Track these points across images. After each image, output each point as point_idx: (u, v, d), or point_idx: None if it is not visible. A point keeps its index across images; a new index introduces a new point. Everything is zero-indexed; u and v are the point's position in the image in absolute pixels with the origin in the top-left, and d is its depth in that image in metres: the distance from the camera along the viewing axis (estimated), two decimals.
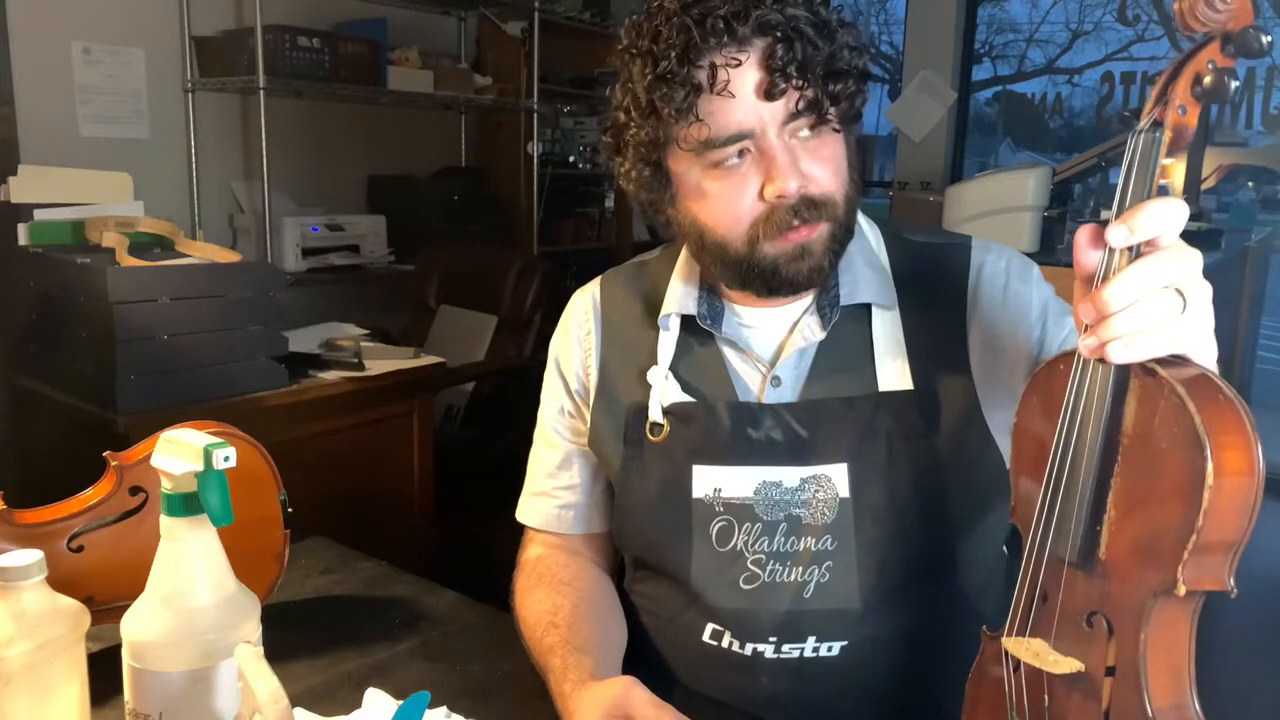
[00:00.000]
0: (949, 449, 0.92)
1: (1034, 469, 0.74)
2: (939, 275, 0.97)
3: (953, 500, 0.93)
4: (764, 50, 0.84)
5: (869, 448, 0.92)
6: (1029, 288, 0.96)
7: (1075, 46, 4.32)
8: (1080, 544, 0.69)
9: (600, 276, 1.11)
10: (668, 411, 0.97)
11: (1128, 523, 0.67)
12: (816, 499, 0.92)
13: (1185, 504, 0.62)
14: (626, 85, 0.90)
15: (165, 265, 1.87)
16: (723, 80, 0.84)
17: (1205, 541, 0.62)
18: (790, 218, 0.87)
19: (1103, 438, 0.67)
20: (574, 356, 1.08)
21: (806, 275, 0.90)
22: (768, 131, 0.85)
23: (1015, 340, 0.94)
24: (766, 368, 0.97)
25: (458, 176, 3.80)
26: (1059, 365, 0.72)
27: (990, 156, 4.61)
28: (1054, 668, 0.70)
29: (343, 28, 3.25)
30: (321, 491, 1.63)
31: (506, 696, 0.92)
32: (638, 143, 0.90)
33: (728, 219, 0.89)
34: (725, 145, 0.86)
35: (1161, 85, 0.68)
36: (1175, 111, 0.66)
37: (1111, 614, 0.68)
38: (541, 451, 1.11)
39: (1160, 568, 0.64)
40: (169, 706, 0.69)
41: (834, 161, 0.89)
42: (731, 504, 0.94)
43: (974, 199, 3.15)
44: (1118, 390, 0.67)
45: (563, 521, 1.09)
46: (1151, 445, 0.65)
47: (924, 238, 1.02)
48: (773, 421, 0.94)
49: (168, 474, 0.71)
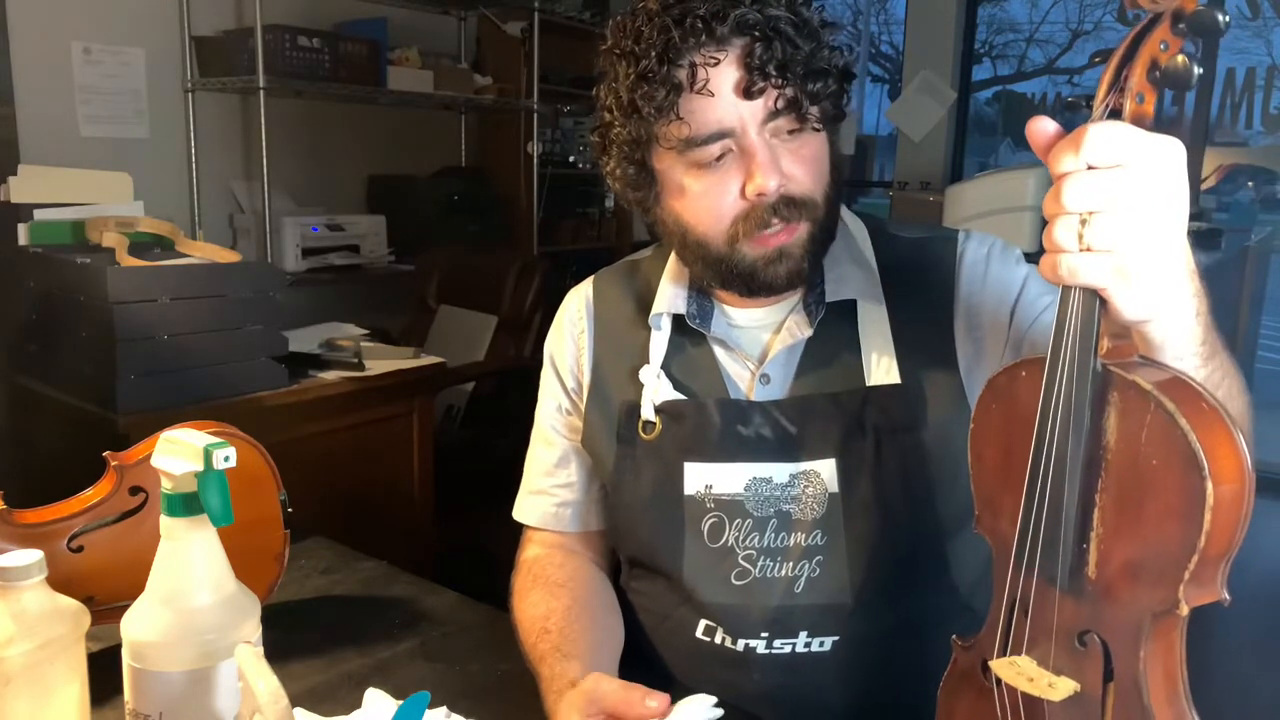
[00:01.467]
0: (937, 443, 0.92)
1: (999, 478, 0.71)
2: (925, 269, 0.98)
3: (941, 494, 0.93)
4: (743, 49, 0.85)
5: (856, 443, 0.92)
6: (1009, 270, 0.96)
7: (1075, 46, 4.32)
8: (1069, 563, 0.65)
9: (593, 275, 1.11)
10: (659, 410, 0.98)
11: (1118, 543, 0.63)
12: (806, 494, 0.93)
13: (1184, 525, 0.59)
14: (611, 85, 0.91)
15: (165, 265, 1.87)
16: (702, 79, 0.85)
17: (1205, 559, 0.59)
18: (770, 216, 0.88)
19: (1086, 452, 0.63)
20: (568, 354, 1.08)
21: (784, 278, 0.91)
22: (748, 130, 0.86)
23: (997, 325, 0.94)
24: (755, 366, 0.97)
25: (458, 176, 3.80)
26: (1021, 371, 0.69)
27: (990, 156, 4.61)
28: (1052, 694, 0.66)
29: (343, 28, 3.25)
30: (321, 491, 1.63)
31: (506, 696, 0.92)
32: (621, 141, 0.92)
33: (709, 217, 0.90)
34: (706, 144, 0.87)
35: (1113, 71, 0.63)
36: (1133, 100, 0.62)
37: (1106, 633, 0.65)
38: (539, 450, 1.11)
39: (1159, 588, 0.61)
40: (169, 706, 0.69)
41: (815, 161, 0.90)
42: (722, 500, 0.95)
43: (974, 199, 3.15)
44: (1096, 401, 0.63)
45: (560, 519, 1.09)
46: (1140, 463, 0.61)
47: (910, 233, 1.03)
48: (762, 418, 0.94)
49: (168, 474, 0.71)
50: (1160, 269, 0.62)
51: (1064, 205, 0.61)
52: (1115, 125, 0.60)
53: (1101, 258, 0.61)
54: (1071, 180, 0.61)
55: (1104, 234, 0.60)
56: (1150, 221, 0.61)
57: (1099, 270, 0.61)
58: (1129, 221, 0.60)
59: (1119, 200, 0.60)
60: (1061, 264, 0.62)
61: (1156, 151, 0.60)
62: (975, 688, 0.75)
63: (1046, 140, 0.63)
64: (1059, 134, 0.63)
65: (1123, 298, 0.62)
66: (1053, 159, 0.62)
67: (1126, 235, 0.60)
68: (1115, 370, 0.62)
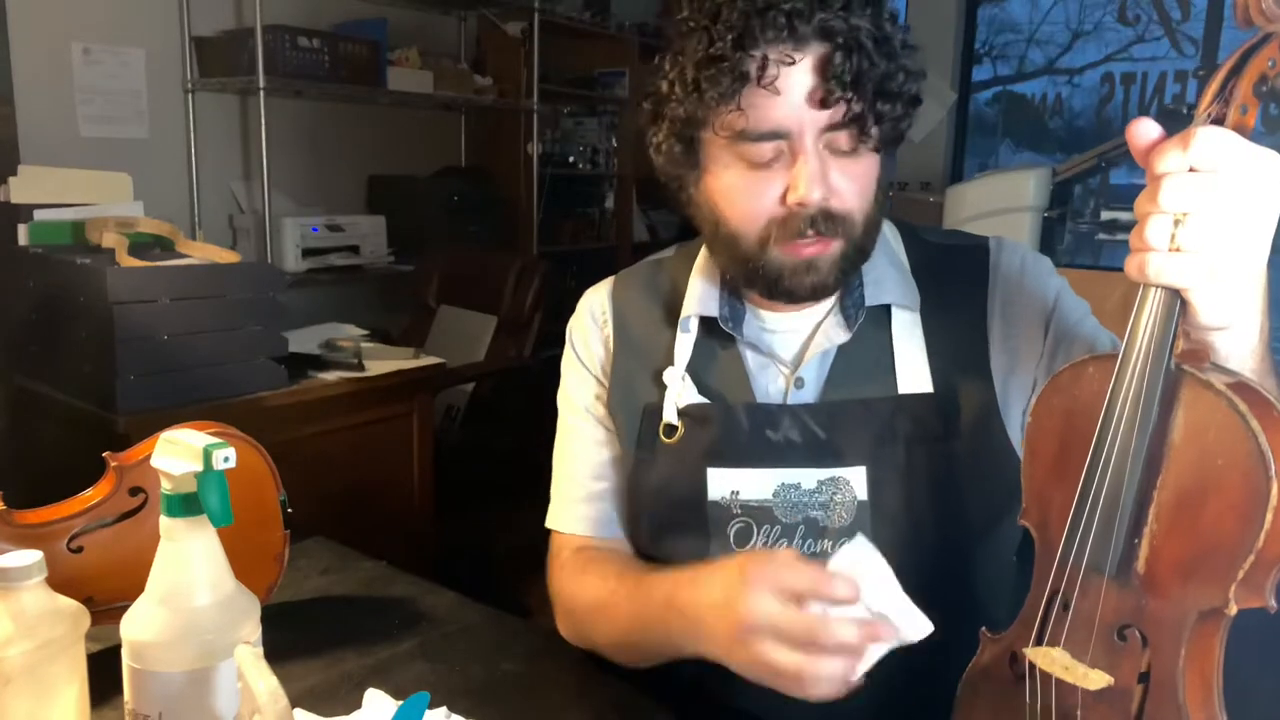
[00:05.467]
0: (968, 453, 0.91)
1: (1053, 473, 0.72)
2: (959, 276, 0.97)
3: (970, 504, 0.92)
4: (821, 55, 0.83)
5: (888, 451, 0.91)
6: (1043, 281, 0.96)
7: (1075, 47, 4.30)
8: (1118, 557, 0.66)
9: (613, 277, 1.09)
10: (683, 413, 0.96)
11: (1173, 538, 0.64)
12: (835, 501, 0.92)
13: (1244, 523, 0.60)
14: (676, 57, 0.88)
15: (165, 265, 1.87)
16: (771, 75, 0.83)
17: (1260, 561, 0.60)
18: (805, 227, 0.86)
19: (1147, 449, 0.65)
20: (594, 347, 1.05)
21: (808, 289, 0.90)
22: (805, 137, 0.84)
23: (1032, 336, 0.94)
24: (790, 369, 0.96)
25: (458, 176, 3.80)
26: (1088, 368, 0.70)
27: (990, 157, 4.60)
28: (1086, 682, 0.67)
29: (343, 28, 3.25)
30: (321, 491, 1.63)
31: (506, 696, 0.92)
32: (674, 117, 0.89)
33: (746, 214, 0.89)
34: (759, 140, 0.85)
35: (1220, 81, 0.65)
36: (1236, 110, 0.64)
37: (1148, 628, 0.66)
38: (578, 448, 1.05)
39: (1210, 586, 0.62)
40: (169, 707, 0.69)
41: (863, 181, 0.88)
42: (750, 506, 0.93)
43: (974, 199, 3.15)
44: (1165, 399, 0.64)
45: (603, 525, 1.03)
46: (1204, 461, 0.62)
47: (942, 239, 1.02)
48: (791, 423, 0.93)
49: (168, 474, 0.71)
50: (1244, 277, 0.64)
51: (1160, 204, 0.62)
52: (1223, 131, 0.62)
53: (1191, 258, 0.62)
54: (1171, 180, 0.62)
55: (1197, 235, 0.62)
56: (1241, 228, 0.62)
57: (1187, 271, 0.62)
58: (1222, 225, 0.62)
59: (1216, 203, 0.61)
60: (1150, 262, 0.63)
61: (1258, 161, 0.62)
62: (1000, 681, 0.75)
63: (1149, 142, 0.65)
64: (1162, 136, 0.64)
65: (1205, 301, 0.64)
66: (1155, 158, 0.63)
67: (1218, 238, 0.62)
68: (1189, 370, 0.64)
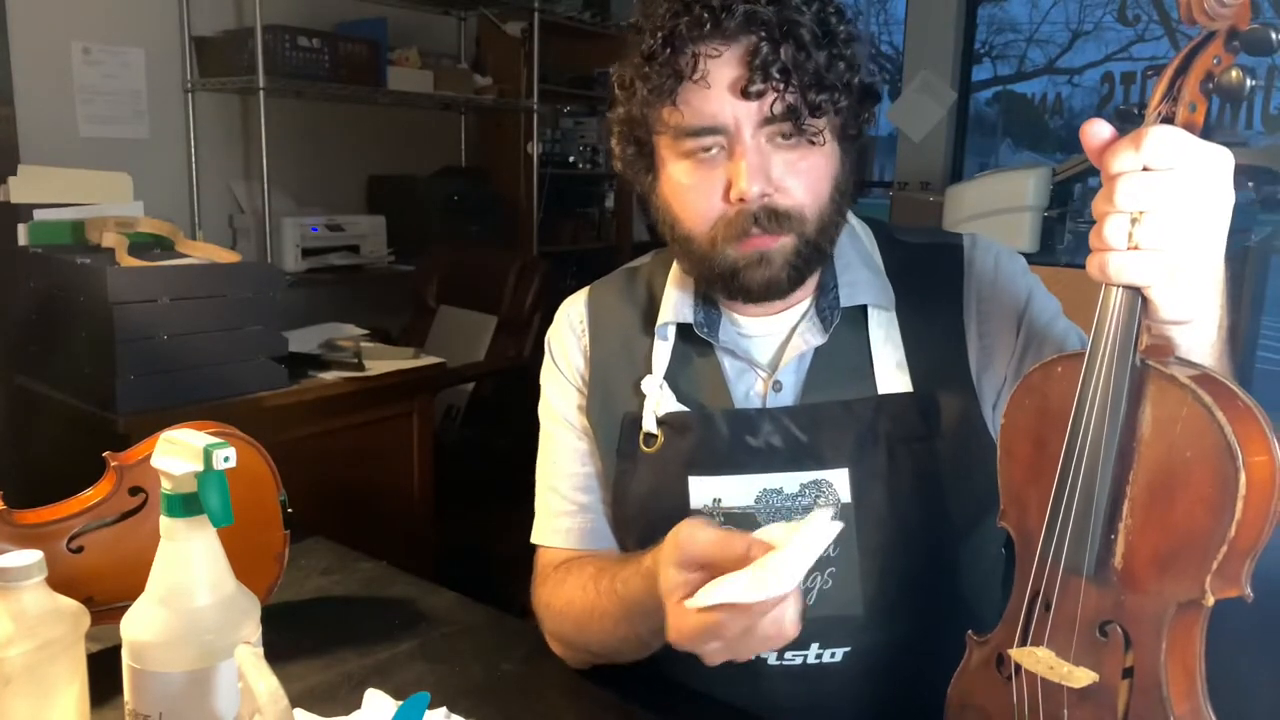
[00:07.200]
0: (949, 451, 0.92)
1: (1029, 473, 0.72)
2: (934, 275, 0.97)
3: (954, 503, 0.92)
4: (748, 46, 0.83)
5: (869, 452, 0.91)
6: (1016, 280, 0.96)
7: (1075, 46, 4.32)
8: (1095, 553, 0.67)
9: (587, 288, 1.09)
10: (662, 422, 0.96)
11: (1147, 533, 0.65)
12: (818, 505, 0.91)
13: (1215, 515, 0.61)
14: (622, 60, 0.90)
15: (165, 265, 1.87)
16: (701, 70, 0.84)
17: (1233, 551, 0.61)
18: (750, 225, 0.86)
19: (1118, 445, 0.65)
20: (573, 357, 1.05)
21: (762, 284, 0.89)
22: (742, 130, 0.84)
23: (1005, 333, 0.94)
24: (768, 373, 0.96)
25: (458, 176, 3.80)
26: (1057, 367, 0.71)
27: (990, 156, 4.61)
28: (1071, 680, 0.68)
29: (342, 28, 3.25)
30: (321, 491, 1.63)
31: (506, 696, 0.92)
32: (621, 119, 0.91)
33: (695, 213, 0.89)
34: (698, 136, 0.86)
35: (1168, 81, 0.66)
36: (1185, 109, 0.65)
37: (1128, 623, 0.66)
38: (561, 460, 1.04)
39: (1185, 578, 0.63)
40: (169, 707, 0.69)
41: (812, 176, 0.87)
42: (732, 514, 0.93)
43: (974, 199, 3.15)
44: (1132, 394, 0.65)
45: (587, 537, 1.02)
46: (1173, 454, 0.63)
47: (916, 238, 1.02)
48: (771, 427, 0.93)
49: (168, 474, 0.71)
50: (1202, 273, 0.65)
51: (1116, 204, 0.63)
52: (1173, 129, 0.62)
53: (1149, 256, 0.63)
54: (1126, 179, 0.63)
55: (1153, 233, 0.62)
56: (1198, 225, 0.63)
57: (1146, 268, 0.63)
58: (1178, 223, 0.62)
59: (1171, 201, 0.62)
60: (1110, 262, 0.64)
61: (1209, 157, 0.62)
62: (988, 683, 0.75)
63: (1101, 143, 0.65)
64: (1114, 136, 0.65)
65: (1165, 298, 0.64)
66: (1109, 159, 0.64)
67: (1175, 236, 0.62)
68: (1154, 365, 0.65)
